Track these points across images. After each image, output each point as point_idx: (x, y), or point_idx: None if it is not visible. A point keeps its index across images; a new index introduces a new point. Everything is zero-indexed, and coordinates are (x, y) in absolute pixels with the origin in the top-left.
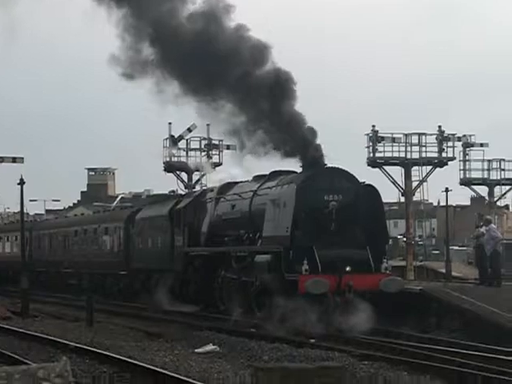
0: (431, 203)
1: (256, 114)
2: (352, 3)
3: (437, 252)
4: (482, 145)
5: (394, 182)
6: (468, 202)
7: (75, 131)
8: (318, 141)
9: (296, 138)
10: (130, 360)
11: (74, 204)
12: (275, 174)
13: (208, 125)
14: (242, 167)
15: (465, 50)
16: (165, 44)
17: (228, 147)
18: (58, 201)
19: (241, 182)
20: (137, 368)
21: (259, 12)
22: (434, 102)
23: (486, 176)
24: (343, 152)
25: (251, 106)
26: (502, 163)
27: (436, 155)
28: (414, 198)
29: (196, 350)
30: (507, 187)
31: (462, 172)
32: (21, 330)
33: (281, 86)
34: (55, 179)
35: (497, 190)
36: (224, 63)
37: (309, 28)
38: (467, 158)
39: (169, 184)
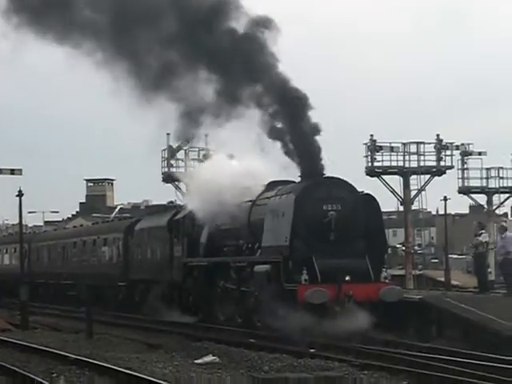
0: (430, 212)
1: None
2: (355, 15)
3: (436, 261)
4: (480, 153)
5: (393, 191)
6: (467, 211)
7: (73, 141)
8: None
9: (299, 146)
10: (129, 372)
11: (72, 215)
12: (273, 184)
13: (206, 135)
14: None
15: (462, 60)
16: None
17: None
18: (57, 212)
19: None
20: (137, 380)
21: None
22: (431, 111)
23: (484, 184)
24: (341, 162)
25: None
26: (501, 171)
27: (434, 164)
28: (413, 207)
29: (196, 361)
30: (506, 195)
31: (460, 180)
32: (20, 342)
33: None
34: (54, 190)
35: (495, 198)
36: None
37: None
38: (465, 166)
39: (167, 194)
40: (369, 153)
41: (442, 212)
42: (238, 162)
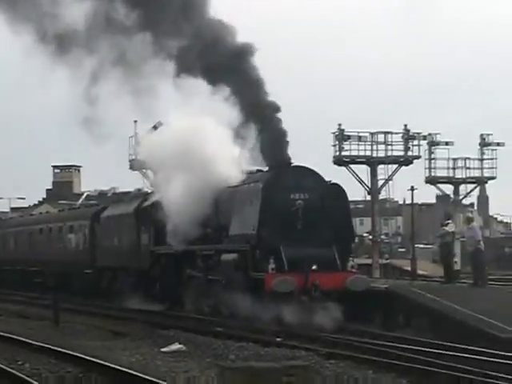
0: (397, 201)
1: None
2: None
3: (402, 250)
4: (447, 143)
5: (360, 181)
6: (434, 200)
7: (41, 128)
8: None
9: (266, 132)
10: (95, 360)
11: (39, 202)
12: None
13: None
14: None
15: (433, 49)
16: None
17: None
18: (24, 199)
19: None
20: (103, 368)
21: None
22: (399, 101)
23: (451, 174)
24: (309, 151)
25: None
26: (467, 161)
27: (402, 154)
28: (380, 196)
29: (162, 350)
30: (472, 185)
31: (427, 170)
32: None
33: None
34: (20, 177)
35: (462, 188)
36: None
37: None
38: (432, 156)
39: (135, 182)
40: (337, 142)
41: (408, 201)
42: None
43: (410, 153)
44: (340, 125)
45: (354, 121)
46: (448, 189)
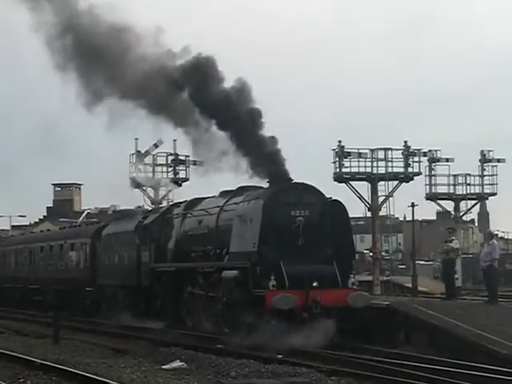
0: (397, 218)
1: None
2: (316, 21)
3: (403, 267)
4: (447, 160)
5: (361, 197)
6: (434, 217)
7: (41, 146)
8: (284, 155)
9: (262, 152)
10: (96, 377)
11: (40, 220)
12: (242, 190)
13: (175, 140)
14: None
15: (430, 65)
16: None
17: (195, 163)
18: (24, 216)
19: (208, 197)
20: None
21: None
22: (400, 118)
23: (451, 191)
24: (310, 167)
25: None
26: (468, 178)
27: (402, 170)
28: (381, 213)
29: (163, 367)
30: (473, 202)
31: (427, 187)
32: None
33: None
34: (21, 195)
35: (462, 204)
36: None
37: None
38: (433, 172)
39: (135, 199)
40: (337, 159)
41: (409, 218)
42: None
43: (410, 169)
44: (340, 141)
45: (354, 138)
46: (448, 205)
